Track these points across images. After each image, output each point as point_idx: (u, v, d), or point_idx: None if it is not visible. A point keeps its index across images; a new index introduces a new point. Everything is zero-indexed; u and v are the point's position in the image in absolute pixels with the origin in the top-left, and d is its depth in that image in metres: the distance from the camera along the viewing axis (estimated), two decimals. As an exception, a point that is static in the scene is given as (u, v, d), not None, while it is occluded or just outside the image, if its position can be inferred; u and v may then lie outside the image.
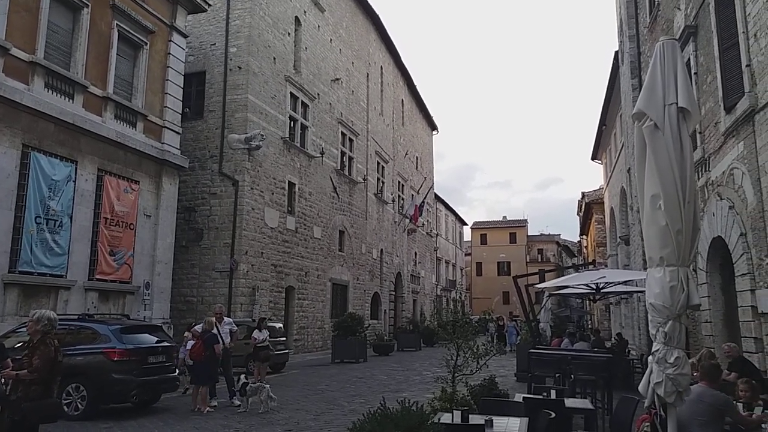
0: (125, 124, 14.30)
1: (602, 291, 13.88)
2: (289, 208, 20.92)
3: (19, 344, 7.95)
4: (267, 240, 19.22)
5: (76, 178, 12.74)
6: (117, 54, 14.17)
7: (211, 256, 17.90)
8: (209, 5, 17.89)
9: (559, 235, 74.36)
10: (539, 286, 17.03)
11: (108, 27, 13.88)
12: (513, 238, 68.30)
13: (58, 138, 12.36)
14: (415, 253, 38.54)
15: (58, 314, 6.64)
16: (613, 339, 22.10)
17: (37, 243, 11.69)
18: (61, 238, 12.24)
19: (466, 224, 62.61)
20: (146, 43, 15.06)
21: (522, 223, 69.87)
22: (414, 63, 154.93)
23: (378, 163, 30.96)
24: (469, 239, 68.59)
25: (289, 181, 20.88)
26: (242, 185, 18.16)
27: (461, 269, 59.05)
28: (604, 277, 12.84)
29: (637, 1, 16.23)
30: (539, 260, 67.03)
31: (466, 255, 64.14)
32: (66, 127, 12.48)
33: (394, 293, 33.09)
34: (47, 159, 12.07)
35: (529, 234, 70.37)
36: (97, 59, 13.50)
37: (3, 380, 5.02)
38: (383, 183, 31.76)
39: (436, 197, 46.91)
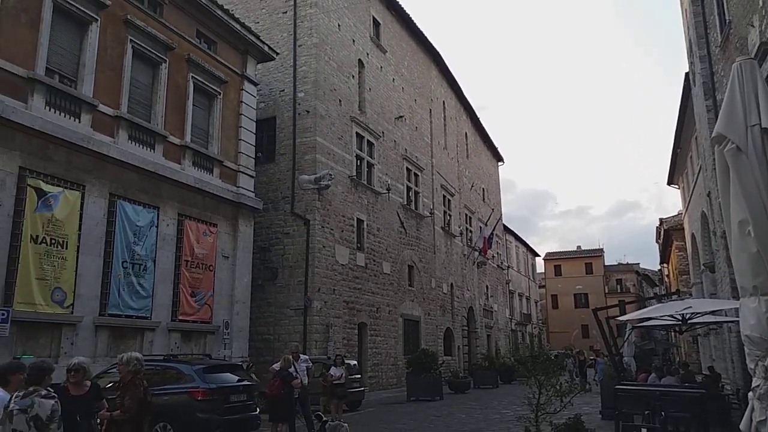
0: (203, 171, 15.03)
1: (689, 322, 13.11)
2: (359, 245, 21.16)
3: (110, 384, 8.33)
4: (338, 277, 19.46)
5: (158, 223, 13.44)
6: (193, 104, 15.01)
7: (286, 294, 18.28)
8: (277, 54, 18.72)
9: (638, 263, 71.18)
10: (621, 318, 16.27)
11: (184, 79, 14.77)
12: (589, 269, 65.93)
13: (141, 186, 13.13)
14: (487, 287, 37.88)
15: (144, 355, 6.95)
16: (703, 373, 20.74)
17: (124, 286, 12.34)
18: (145, 281, 12.88)
19: (538, 255, 61.09)
20: (220, 93, 15.88)
21: (598, 253, 67.46)
22: (479, 93, 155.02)
23: (444, 196, 30.94)
24: (543, 271, 66.80)
25: (357, 218, 21.19)
26: (313, 224, 18.57)
27: (536, 302, 57.43)
28: (690, 307, 12.12)
29: (707, 21, 15.69)
30: (618, 291, 64.32)
31: (540, 287, 62.41)
32: (148, 176, 13.25)
33: (467, 328, 32.53)
34: (132, 206, 12.82)
35: (606, 264, 67.76)
36: (175, 110, 14.35)
37: (99, 420, 5.27)
38: (450, 216, 31.63)
39: (506, 228, 46.18)
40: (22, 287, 10.26)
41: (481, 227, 36.41)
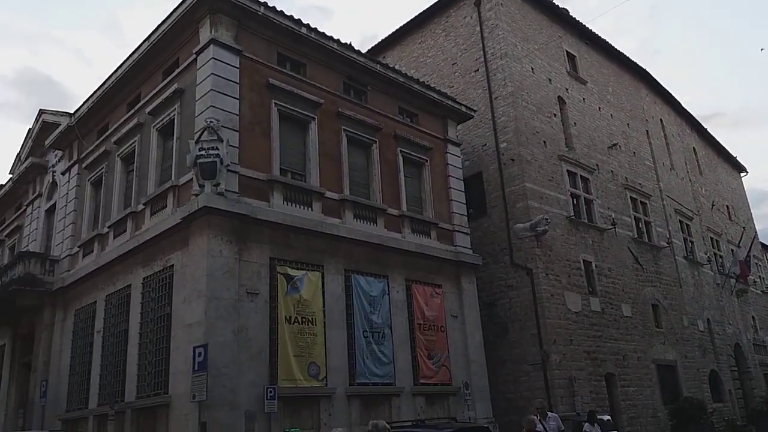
0: (421, 236, 15.59)
1: None
2: (590, 289, 19.80)
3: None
4: (573, 326, 18.32)
5: (389, 291, 14.15)
6: (404, 176, 15.80)
7: (520, 349, 17.69)
8: (475, 111, 19.06)
9: None
10: None
11: (394, 155, 15.69)
12: None
13: (369, 258, 14.02)
14: (753, 318, 32.48)
15: (393, 421, 7.15)
16: None
17: (367, 355, 13.07)
18: (385, 348, 13.50)
19: (814, 273, 50.99)
20: (427, 160, 16.55)
21: None
22: (710, 100, 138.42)
23: (681, 222, 27.75)
24: (824, 290, 55.42)
25: (584, 260, 19.95)
26: (536, 273, 17.92)
27: (823, 329, 47.53)
28: None
29: None
30: None
31: (824, 311, 51.68)
32: (375, 248, 14.12)
33: (736, 369, 28.00)
34: (365, 278, 13.71)
35: None
36: (389, 184, 15.24)
37: None
38: (692, 243, 28.14)
39: (765, 247, 39.64)
40: (284, 365, 11.44)
41: (733, 250, 31.79)
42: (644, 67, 28.34)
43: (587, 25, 24.42)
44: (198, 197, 11.18)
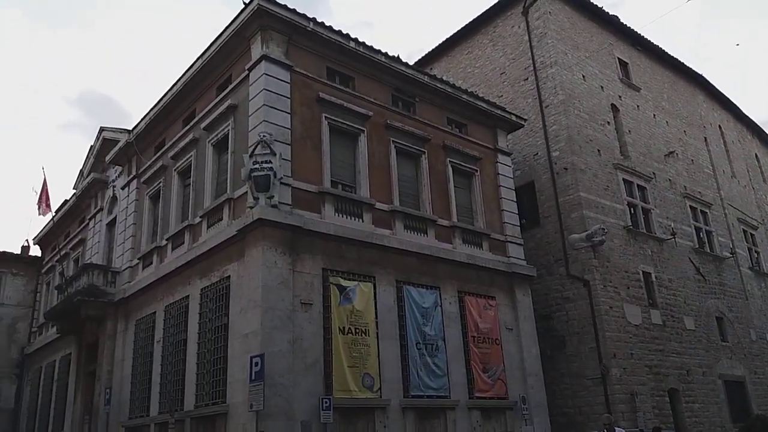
0: (472, 246, 15.38)
1: None
2: (650, 301, 19.07)
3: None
4: (634, 339, 17.65)
5: (441, 302, 13.97)
6: (454, 186, 15.65)
7: (579, 363, 17.13)
8: (525, 120, 18.78)
9: None
10: None
11: (443, 165, 15.59)
12: None
13: (420, 269, 13.90)
14: (828, 332, 30.55)
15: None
16: None
17: (420, 367, 12.90)
18: (439, 360, 13.30)
19: None
20: (477, 170, 16.37)
21: None
22: (762, 107, 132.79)
23: (744, 231, 26.53)
24: None
25: (643, 272, 19.25)
26: (593, 284, 17.38)
27: None
28: None
29: None
30: None
31: None
32: (426, 259, 14.00)
33: (811, 386, 26.37)
34: (416, 290, 13.59)
35: None
36: (439, 195, 15.12)
37: None
38: (758, 253, 26.83)
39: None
40: (338, 376, 11.40)
41: (802, 260, 30.07)
42: (701, 74, 27.42)
43: (638, 32, 23.84)
44: (253, 210, 11.36)
